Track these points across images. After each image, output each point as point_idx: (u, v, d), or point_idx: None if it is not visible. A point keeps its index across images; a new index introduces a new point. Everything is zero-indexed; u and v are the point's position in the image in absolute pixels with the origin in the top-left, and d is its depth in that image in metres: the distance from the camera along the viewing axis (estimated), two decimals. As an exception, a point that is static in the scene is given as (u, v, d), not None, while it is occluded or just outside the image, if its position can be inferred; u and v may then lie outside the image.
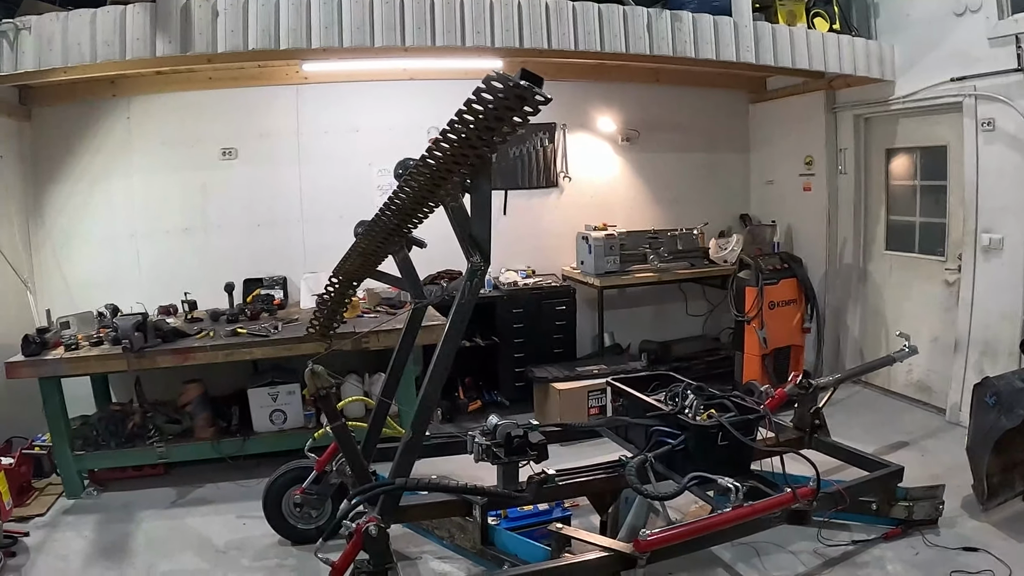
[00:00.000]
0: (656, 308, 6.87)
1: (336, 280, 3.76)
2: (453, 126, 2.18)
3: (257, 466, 4.66)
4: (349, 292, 3.84)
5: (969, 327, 5.16)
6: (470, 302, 2.73)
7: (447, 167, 2.37)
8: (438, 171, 2.40)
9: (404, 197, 2.68)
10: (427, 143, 5.86)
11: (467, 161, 2.31)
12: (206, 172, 5.47)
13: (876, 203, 6.06)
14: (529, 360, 5.74)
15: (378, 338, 4.62)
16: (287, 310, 5.34)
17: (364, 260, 3.48)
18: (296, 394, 4.72)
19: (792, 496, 3.26)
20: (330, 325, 4.04)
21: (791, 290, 5.76)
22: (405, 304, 5.38)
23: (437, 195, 2.60)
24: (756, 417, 3.53)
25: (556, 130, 6.31)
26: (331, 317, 3.98)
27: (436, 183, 2.49)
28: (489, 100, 2.01)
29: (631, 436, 3.87)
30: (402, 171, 3.24)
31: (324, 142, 5.69)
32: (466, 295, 2.71)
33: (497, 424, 3.17)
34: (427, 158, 2.39)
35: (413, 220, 2.88)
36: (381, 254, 3.41)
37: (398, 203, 2.75)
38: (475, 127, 2.13)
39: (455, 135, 2.21)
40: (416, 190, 2.58)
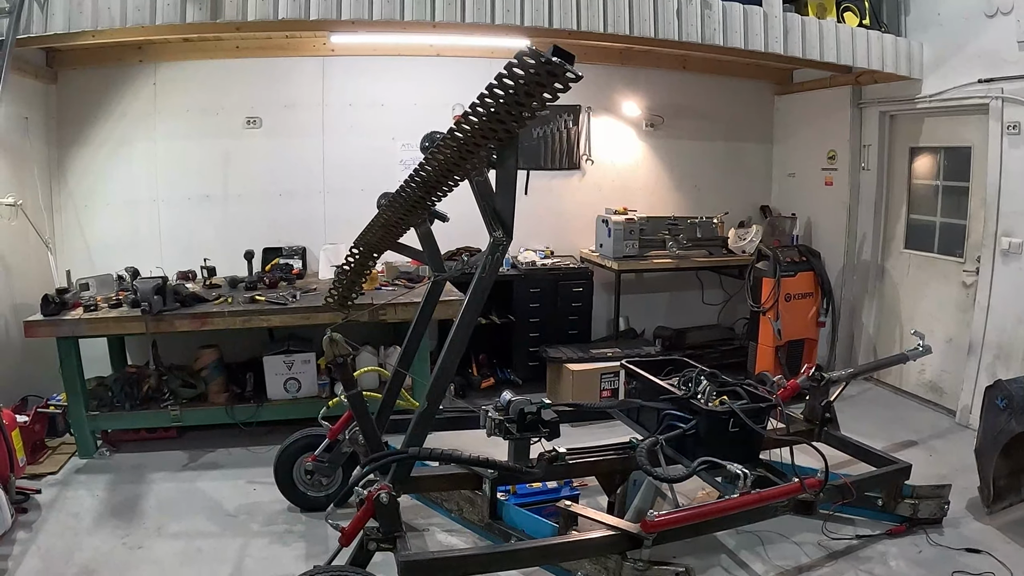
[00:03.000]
0: (672, 295, 6.87)
1: (357, 251, 3.78)
2: (483, 100, 2.18)
3: (269, 433, 4.71)
4: (369, 263, 3.86)
5: (984, 330, 5.12)
6: (490, 276, 2.75)
7: (475, 140, 2.37)
8: (465, 144, 2.41)
9: (430, 169, 2.69)
10: (451, 121, 5.97)
11: (495, 136, 2.32)
12: (229, 140, 5.50)
13: (897, 201, 6.01)
14: (544, 340, 5.77)
15: (395, 310, 4.65)
16: (305, 280, 5.38)
17: (386, 232, 3.50)
18: (311, 363, 4.76)
19: (799, 486, 3.29)
20: (349, 295, 4.06)
21: (808, 283, 5.75)
22: (423, 279, 5.41)
23: (463, 168, 2.60)
24: (768, 406, 3.54)
25: (580, 112, 6.29)
26: (350, 287, 4.01)
27: (463, 156, 2.49)
28: (520, 75, 2.02)
29: (643, 419, 3.90)
30: (428, 143, 3.25)
31: (348, 115, 5.71)
32: (487, 269, 2.73)
33: (510, 400, 3.19)
34: (455, 131, 2.40)
35: (438, 192, 2.89)
36: (403, 226, 3.43)
37: (424, 175, 2.76)
38: (505, 102, 2.14)
39: (484, 109, 2.21)
40: (443, 162, 2.59)
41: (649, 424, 3.82)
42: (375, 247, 3.76)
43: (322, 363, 4.82)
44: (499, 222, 2.68)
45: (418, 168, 2.76)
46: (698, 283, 6.87)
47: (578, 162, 6.38)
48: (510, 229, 2.69)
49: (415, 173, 2.80)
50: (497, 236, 2.69)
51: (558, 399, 5.33)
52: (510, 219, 2.66)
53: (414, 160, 5.91)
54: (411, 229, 3.51)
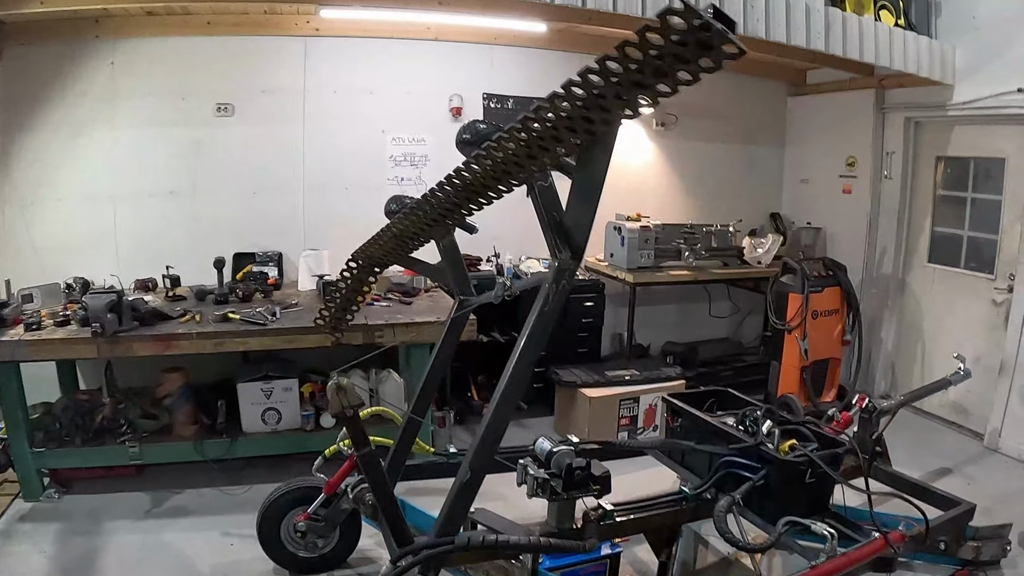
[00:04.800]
0: (679, 307, 6.42)
1: (355, 264, 3.21)
2: (586, 77, 1.58)
3: (244, 469, 4.10)
4: (369, 279, 3.29)
5: (1018, 351, 4.83)
6: (553, 312, 2.18)
7: (556, 134, 1.79)
8: (541, 138, 1.83)
9: (478, 171, 2.11)
10: (449, 112, 5.36)
11: (588, 127, 1.74)
12: (197, 129, 4.79)
13: (921, 212, 5.65)
14: (550, 359, 5.23)
15: (393, 332, 4.05)
16: (283, 291, 4.74)
17: (398, 244, 2.90)
18: (294, 391, 4.13)
19: (884, 543, 2.85)
20: (343, 316, 3.48)
21: (834, 299, 5.35)
22: (419, 291, 4.84)
23: (527, 170, 2.02)
24: (844, 451, 3.10)
25: (588, 109, 5.75)
26: (344, 307, 3.43)
27: (533, 154, 1.91)
28: (656, 44, 1.43)
29: (689, 461, 3.44)
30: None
31: (333, 103, 5.06)
32: (550, 302, 2.17)
33: (552, 451, 2.68)
34: (530, 120, 1.81)
35: (481, 200, 2.30)
36: (422, 239, 2.84)
37: (467, 177, 2.17)
38: (620, 81, 1.54)
39: (585, 90, 1.62)
40: (499, 162, 2.00)
41: (697, 468, 3.36)
42: (380, 261, 3.18)
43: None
44: (566, 241, 2.13)
45: (459, 169, 2.17)
46: (706, 295, 6.43)
47: (581, 161, 5.85)
48: (581, 251, 2.14)
49: (456, 175, 2.21)
50: (563, 259, 2.14)
51: (571, 427, 4.82)
52: (583, 238, 2.11)
53: (406, 156, 5.45)
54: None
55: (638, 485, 3.30)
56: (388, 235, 2.86)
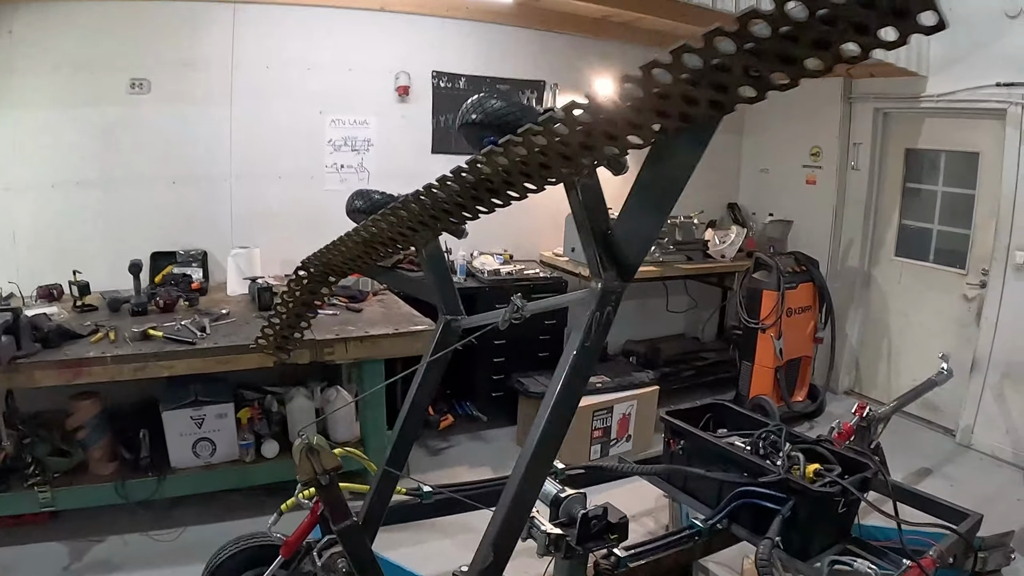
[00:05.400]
0: (637, 304, 6.09)
1: (306, 272, 2.68)
2: (712, 39, 1.09)
3: (175, 508, 3.51)
4: (322, 291, 2.78)
5: (991, 348, 4.76)
6: (598, 343, 1.76)
7: (635, 118, 1.31)
8: (612, 122, 1.34)
9: (501, 163, 1.61)
10: (395, 91, 4.80)
11: (685, 111, 1.27)
12: (108, 109, 4.05)
13: (889, 205, 5.49)
14: (511, 366, 4.81)
15: (346, 347, 3.52)
16: (210, 297, 4.12)
17: (368, 251, 2.39)
18: (229, 417, 3.55)
19: (919, 572, 2.62)
20: (290, 334, 2.94)
21: (807, 295, 5.12)
22: (367, 295, 4.31)
23: (577, 164, 1.54)
24: (873, 474, 2.82)
25: (545, 90, 5.32)
26: (292, 324, 2.89)
27: (591, 144, 1.43)
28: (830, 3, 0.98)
29: (691, 487, 3.11)
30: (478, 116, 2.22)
31: (265, 80, 4.41)
32: (594, 333, 1.73)
33: (560, 496, 2.30)
34: (600, 98, 1.31)
35: (495, 200, 1.81)
36: (401, 244, 2.33)
37: (482, 172, 1.68)
38: (762, 49, 1.06)
39: (706, 57, 1.11)
40: (537, 152, 1.51)
41: (701, 494, 3.05)
42: (339, 270, 2.65)
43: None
44: (614, 257, 1.70)
45: (475, 161, 1.67)
46: (663, 290, 6.13)
47: (540, 149, 5.42)
48: (633, 271, 1.71)
49: (469, 168, 1.70)
50: (608, 279, 1.70)
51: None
52: (639, 254, 1.68)
53: (346, 140, 4.84)
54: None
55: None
56: (355, 240, 2.33)
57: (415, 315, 3.99)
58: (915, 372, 5.32)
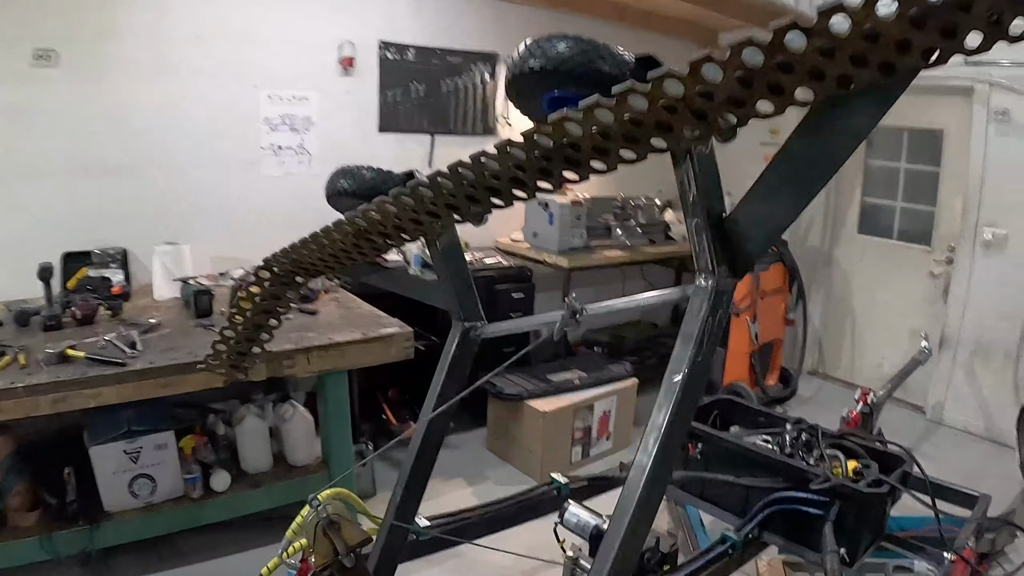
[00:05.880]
0: (595, 291, 5.78)
1: (268, 274, 2.23)
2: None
3: (112, 559, 2.98)
4: (287, 295, 2.34)
5: (961, 325, 4.75)
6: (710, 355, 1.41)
7: (822, 64, 0.96)
8: (784, 69, 0.98)
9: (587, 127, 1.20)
10: (338, 63, 4.31)
11: (891, 61, 0.94)
12: (8, 86, 3.36)
13: (850, 182, 5.40)
14: (476, 364, 4.39)
15: (308, 359, 3.04)
16: (135, 303, 3.53)
17: (359, 244, 1.94)
18: (170, 447, 3.00)
19: (965, 565, 2.47)
20: (248, 350, 2.47)
21: (779, 276, 4.97)
22: (320, 293, 3.81)
23: (707, 127, 1.16)
24: (909, 468, 2.63)
25: (498, 63, 4.92)
26: (251, 337, 2.43)
27: (740, 100, 1.07)
28: None
29: (711, 494, 2.83)
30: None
31: (194, 52, 3.81)
32: (706, 344, 1.38)
33: (603, 530, 2.01)
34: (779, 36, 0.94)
35: (554, 177, 1.38)
36: (409, 236, 1.89)
37: (550, 141, 1.26)
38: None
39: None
40: (636, 118, 1.13)
41: (725, 500, 2.77)
42: (312, 269, 2.20)
43: (187, 447, 3.12)
44: (729, 250, 1.36)
45: (535, 131, 1.26)
46: (620, 274, 5.87)
47: (493, 126, 5.04)
48: (750, 265, 1.38)
49: (528, 138, 1.28)
50: (721, 275, 1.37)
51: (512, 447, 4.09)
52: (763, 246, 1.36)
53: (284, 118, 4.27)
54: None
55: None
56: (344, 231, 1.88)
57: (379, 315, 3.55)
58: (881, 350, 5.30)
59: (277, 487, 3.25)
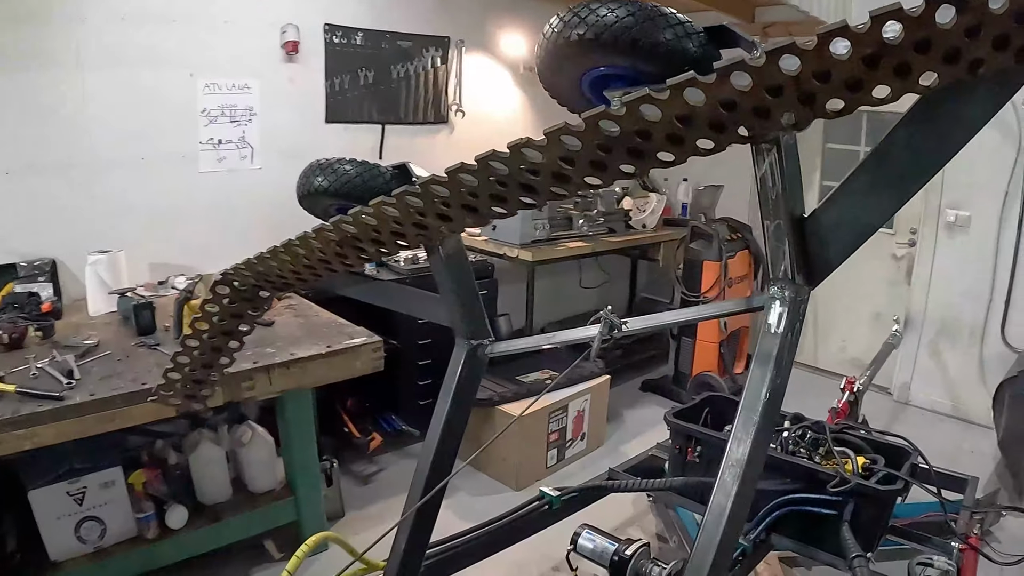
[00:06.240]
0: (552, 282, 5.64)
1: (228, 290, 1.97)
2: None
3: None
4: (250, 312, 2.08)
5: (925, 306, 4.79)
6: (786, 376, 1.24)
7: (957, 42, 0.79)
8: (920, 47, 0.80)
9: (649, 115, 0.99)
10: (281, 48, 3.99)
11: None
12: None
13: (809, 166, 5.34)
14: (439, 367, 4.15)
15: (269, 377, 2.75)
16: (68, 321, 3.15)
17: (344, 253, 1.68)
18: (118, 484, 2.69)
19: (976, 554, 2.50)
20: (205, 376, 2.19)
21: (744, 263, 4.90)
22: (274, 301, 3.50)
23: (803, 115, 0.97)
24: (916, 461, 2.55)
25: (450, 47, 4.66)
26: (209, 362, 2.15)
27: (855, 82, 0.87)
28: None
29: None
30: (587, 32, 1.60)
31: (121, 36, 3.43)
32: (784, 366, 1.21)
33: (625, 557, 1.89)
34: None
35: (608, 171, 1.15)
36: (407, 243, 1.62)
37: (616, 127, 1.04)
38: None
39: None
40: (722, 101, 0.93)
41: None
42: (281, 281, 1.94)
43: (137, 483, 2.79)
44: (807, 255, 1.20)
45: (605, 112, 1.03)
46: (576, 265, 5.73)
47: (446, 114, 4.79)
48: (828, 272, 1.23)
49: (595, 121, 1.04)
50: (800, 282, 1.21)
51: (483, 455, 3.86)
52: (846, 251, 1.20)
53: (224, 109, 3.90)
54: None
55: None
56: (326, 240, 1.62)
57: (342, 323, 3.28)
58: (843, 334, 5.32)
59: (239, 519, 2.97)
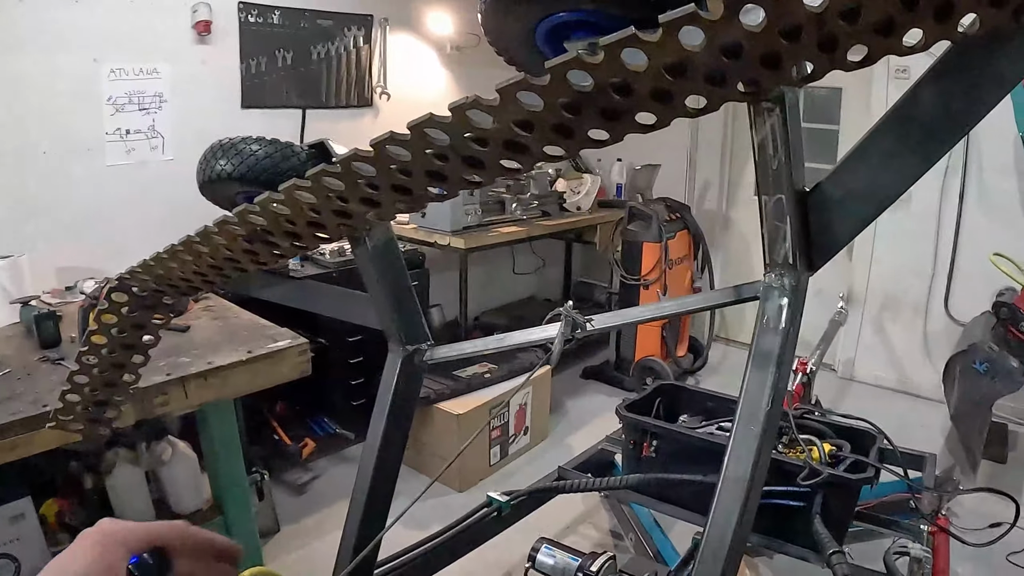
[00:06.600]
0: (484, 270, 5.42)
1: (126, 296, 1.67)
2: None
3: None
4: (154, 321, 1.78)
5: (867, 282, 4.79)
6: (787, 378, 1.05)
7: None
8: None
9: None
10: (192, 28, 3.64)
11: None
12: None
13: (745, 144, 5.30)
14: (371, 364, 3.91)
15: (184, 390, 2.43)
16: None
17: (254, 250, 1.40)
18: (29, 517, 2.32)
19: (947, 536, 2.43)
20: (109, 397, 1.88)
21: (684, 244, 4.78)
22: (190, 303, 3.16)
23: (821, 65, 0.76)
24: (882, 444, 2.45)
25: (373, 26, 4.36)
26: (112, 381, 1.84)
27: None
28: None
29: (673, 495, 2.54)
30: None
31: (16, 16, 3.01)
32: (783, 366, 1.02)
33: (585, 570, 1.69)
34: None
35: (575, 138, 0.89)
36: (323, 236, 1.35)
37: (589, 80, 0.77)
38: None
39: None
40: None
41: (688, 500, 2.47)
42: (185, 284, 1.64)
43: (50, 514, 2.45)
44: (809, 237, 1.02)
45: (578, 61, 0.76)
46: (508, 251, 5.52)
47: (370, 97, 4.49)
48: (833, 252, 1.06)
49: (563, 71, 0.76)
50: (801, 268, 1.03)
51: (424, 456, 3.65)
52: (855, 228, 1.04)
53: (132, 96, 3.49)
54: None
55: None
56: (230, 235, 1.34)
57: (265, 324, 2.96)
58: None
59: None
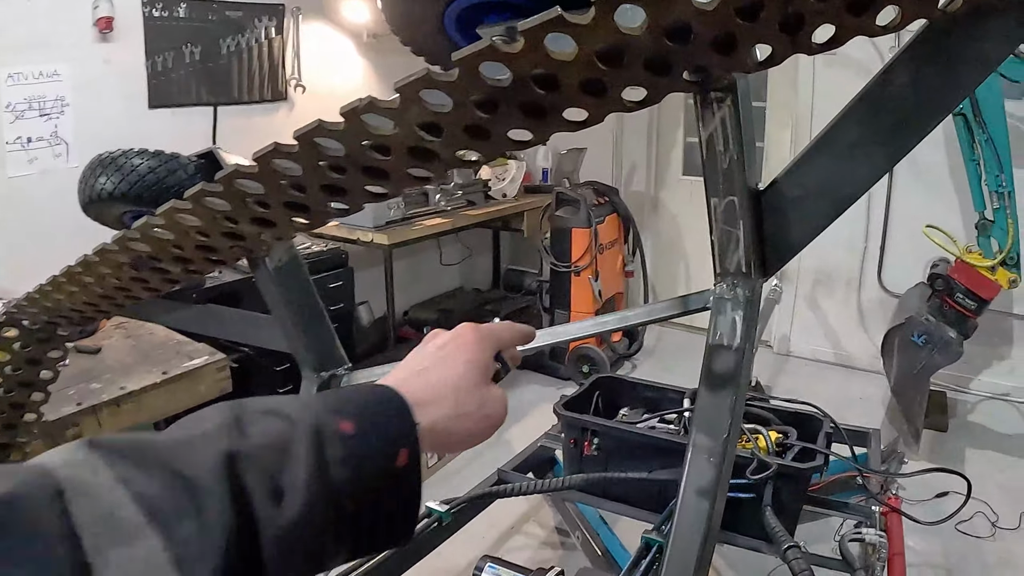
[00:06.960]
0: (409, 263, 5.24)
1: (17, 331, 1.53)
2: None
3: None
4: (51, 355, 1.61)
5: (800, 258, 4.79)
6: (744, 395, 0.96)
7: None
8: None
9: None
10: (94, 25, 3.35)
11: None
12: None
13: (671, 123, 5.26)
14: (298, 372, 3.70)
15: (98, 419, 2.19)
16: None
17: (142, 278, 1.24)
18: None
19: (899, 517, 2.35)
20: (11, 440, 1.71)
21: (614, 229, 4.70)
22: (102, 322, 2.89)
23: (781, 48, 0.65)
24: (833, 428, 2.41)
25: (285, 15, 4.12)
26: (10, 421, 1.69)
27: None
28: None
29: (619, 492, 2.43)
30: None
31: None
32: (741, 385, 0.92)
33: None
34: None
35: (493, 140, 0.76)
36: (216, 259, 1.21)
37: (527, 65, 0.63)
38: None
39: None
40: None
41: (635, 497, 2.38)
42: (80, 316, 1.48)
43: None
44: (764, 239, 0.92)
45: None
46: (434, 242, 5.36)
47: (284, 90, 4.26)
48: (789, 257, 0.97)
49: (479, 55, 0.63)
50: (755, 275, 0.93)
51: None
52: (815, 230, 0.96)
53: (31, 102, 3.17)
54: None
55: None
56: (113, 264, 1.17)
57: (181, 340, 2.71)
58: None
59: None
